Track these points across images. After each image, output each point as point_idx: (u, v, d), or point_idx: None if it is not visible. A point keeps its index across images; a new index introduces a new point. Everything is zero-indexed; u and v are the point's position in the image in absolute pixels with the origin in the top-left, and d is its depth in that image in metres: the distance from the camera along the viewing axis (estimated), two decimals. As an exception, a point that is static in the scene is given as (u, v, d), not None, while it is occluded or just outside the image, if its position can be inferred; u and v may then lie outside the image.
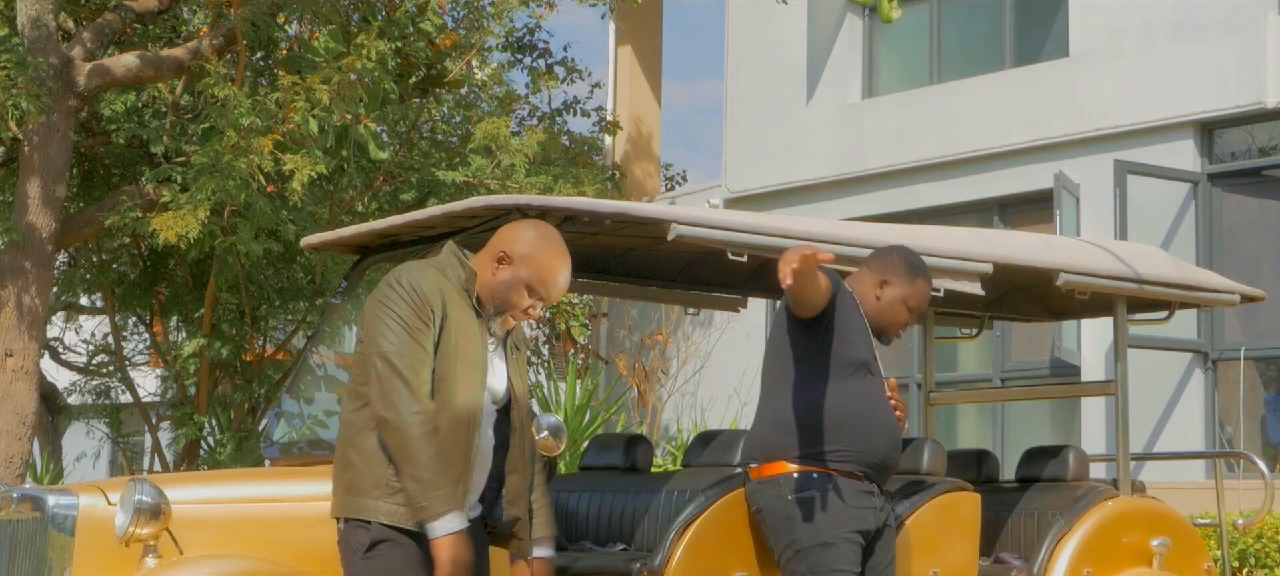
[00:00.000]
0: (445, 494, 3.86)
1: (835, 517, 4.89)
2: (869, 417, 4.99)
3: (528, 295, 4.08)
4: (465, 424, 3.96)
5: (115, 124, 9.31)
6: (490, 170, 9.76)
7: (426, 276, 4.01)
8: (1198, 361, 12.19)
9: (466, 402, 3.96)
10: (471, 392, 3.98)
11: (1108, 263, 6.38)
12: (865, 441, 4.97)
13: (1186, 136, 12.34)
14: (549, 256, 4.09)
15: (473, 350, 4.00)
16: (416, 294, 3.95)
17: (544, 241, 4.12)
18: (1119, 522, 6.30)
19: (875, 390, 5.03)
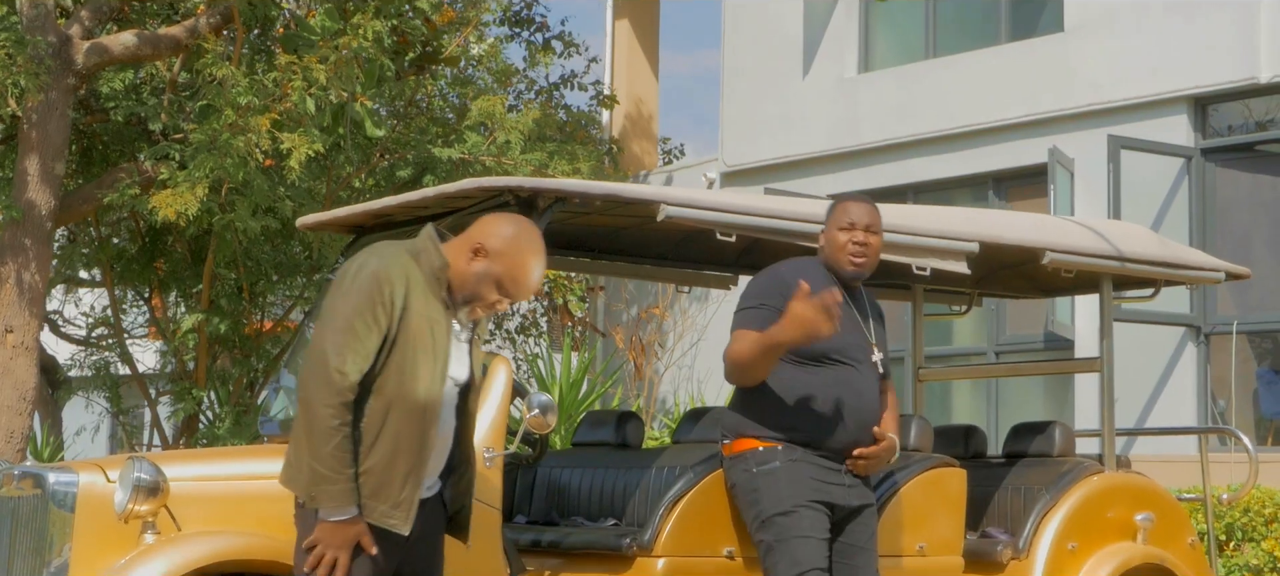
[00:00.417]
0: (339, 491, 3.88)
1: (796, 487, 4.96)
2: (833, 404, 5.00)
3: (497, 290, 4.06)
4: (422, 414, 3.97)
5: (113, 101, 9.39)
6: (486, 147, 9.82)
7: (394, 263, 3.98)
8: (1190, 335, 12.23)
9: (427, 392, 3.96)
10: (432, 383, 3.98)
11: (1093, 242, 6.46)
12: (827, 426, 5.00)
13: (1180, 111, 12.36)
14: (524, 255, 4.07)
15: (436, 340, 4.00)
16: (375, 285, 3.93)
17: (521, 239, 4.09)
18: (1103, 498, 6.37)
19: (845, 377, 5.03)
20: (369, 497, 3.94)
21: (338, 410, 3.87)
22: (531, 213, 5.15)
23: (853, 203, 5.11)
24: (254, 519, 4.53)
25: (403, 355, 3.94)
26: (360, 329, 3.90)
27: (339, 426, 3.87)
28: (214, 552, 4.40)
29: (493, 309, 4.10)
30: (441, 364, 4.01)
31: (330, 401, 3.86)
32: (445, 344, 4.03)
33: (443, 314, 4.04)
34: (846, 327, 5.02)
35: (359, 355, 3.89)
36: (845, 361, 5.04)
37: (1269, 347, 12.32)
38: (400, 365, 3.94)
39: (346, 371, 3.88)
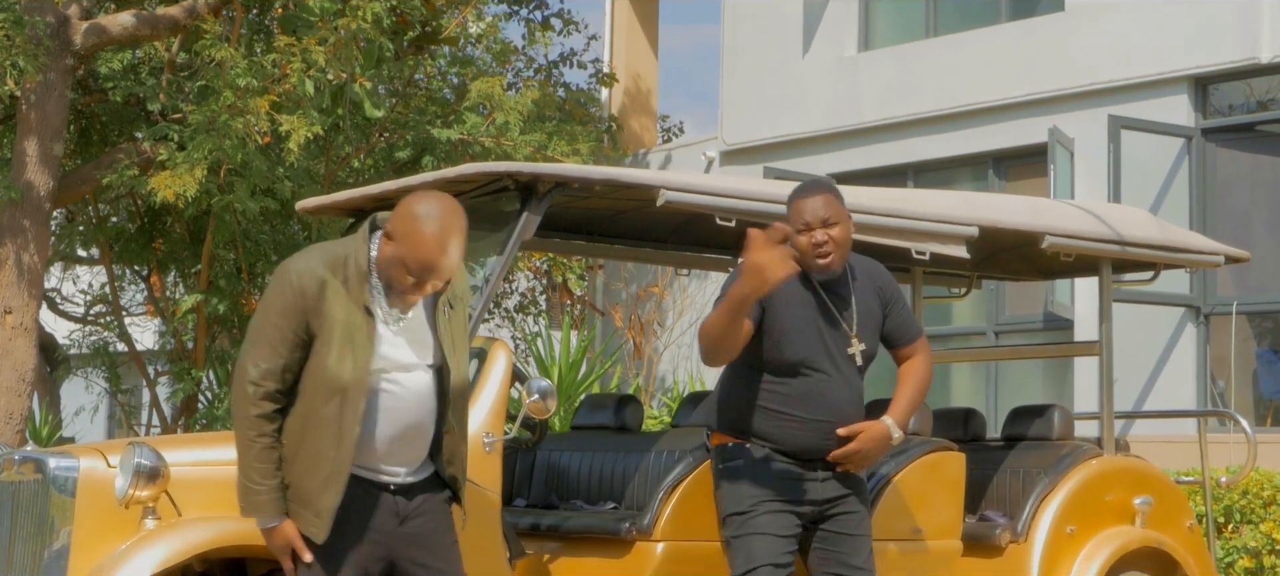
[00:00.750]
0: (262, 501, 3.99)
1: (757, 487, 4.80)
2: (802, 416, 4.82)
3: (407, 273, 4.01)
4: (337, 417, 3.98)
5: (112, 82, 9.36)
6: (485, 128, 9.80)
7: (309, 267, 4.02)
8: (1190, 316, 12.22)
9: (336, 376, 3.97)
10: (341, 367, 3.98)
11: (1093, 225, 6.45)
12: (794, 435, 4.83)
13: (1181, 91, 12.32)
14: (426, 240, 3.98)
15: (355, 340, 3.99)
16: (287, 291, 4.00)
17: (425, 222, 3.99)
18: (1102, 481, 6.37)
19: (816, 388, 4.81)
20: (296, 505, 4.03)
21: (253, 421, 3.98)
22: (532, 198, 5.15)
23: (805, 199, 4.83)
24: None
25: (317, 360, 3.99)
26: (272, 335, 3.99)
27: (256, 437, 3.99)
28: (214, 537, 4.40)
29: (414, 292, 4.05)
30: (361, 359, 3.98)
31: (246, 412, 3.99)
32: (365, 341, 4.00)
33: (363, 312, 4.02)
34: (816, 332, 4.83)
35: (271, 362, 3.97)
36: (816, 370, 4.82)
37: (1269, 328, 12.31)
38: (315, 371, 3.99)
39: (257, 380, 3.97)
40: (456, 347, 4.23)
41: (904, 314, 5.05)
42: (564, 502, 5.93)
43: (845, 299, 4.90)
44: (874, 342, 4.96)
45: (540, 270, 14.88)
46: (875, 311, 4.97)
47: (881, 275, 5.04)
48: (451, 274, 4.04)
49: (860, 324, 4.90)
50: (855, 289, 4.93)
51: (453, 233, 4.01)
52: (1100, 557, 6.20)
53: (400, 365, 4.08)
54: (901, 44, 14.47)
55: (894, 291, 5.06)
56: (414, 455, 4.15)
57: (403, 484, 4.15)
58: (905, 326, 5.04)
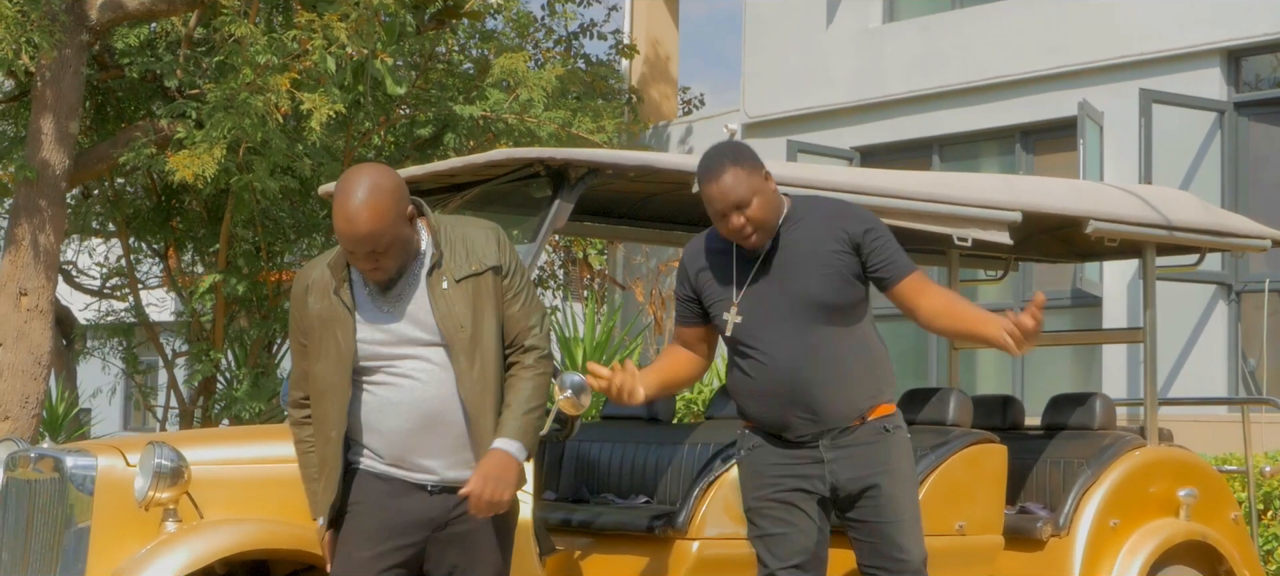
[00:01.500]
0: (310, 500, 4.10)
1: (755, 480, 4.47)
2: (758, 392, 4.42)
3: (349, 253, 3.94)
4: (322, 396, 4.01)
5: (128, 58, 9.18)
6: (508, 104, 9.62)
7: (300, 278, 4.12)
8: (1222, 293, 12.06)
9: (318, 375, 4.01)
10: (321, 365, 4.00)
11: (1137, 208, 6.28)
12: (757, 411, 4.45)
13: (1213, 64, 12.11)
14: (337, 214, 3.92)
15: (332, 334, 3.99)
16: (294, 298, 4.13)
17: (336, 198, 3.93)
18: (1146, 472, 6.22)
19: (758, 363, 4.38)
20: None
21: (293, 427, 4.17)
22: (563, 184, 4.98)
23: (710, 182, 4.30)
24: (278, 504, 4.40)
25: (313, 361, 4.05)
26: (293, 346, 4.17)
27: (297, 442, 4.15)
28: (237, 542, 4.26)
29: (372, 272, 3.94)
30: (340, 352, 3.96)
31: (290, 418, 4.19)
32: (344, 334, 3.96)
33: (339, 304, 3.99)
34: (748, 302, 4.39)
35: (296, 371, 4.13)
36: (748, 345, 4.40)
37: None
38: (313, 372, 4.05)
39: (289, 390, 4.21)
40: (476, 317, 3.97)
41: (885, 250, 4.42)
42: (594, 496, 5.78)
43: (791, 257, 4.40)
44: (830, 288, 4.35)
45: (559, 244, 14.76)
46: (828, 254, 4.37)
47: (845, 215, 4.45)
48: (372, 243, 3.86)
49: (805, 280, 4.35)
50: (795, 235, 4.40)
51: (353, 197, 3.83)
52: (1144, 552, 6.05)
53: (396, 353, 3.93)
54: (927, 15, 14.27)
55: (869, 232, 4.41)
56: (444, 447, 3.97)
57: (442, 482, 3.98)
58: (889, 264, 4.41)
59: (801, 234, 4.40)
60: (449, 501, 3.98)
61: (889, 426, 4.49)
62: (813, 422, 4.37)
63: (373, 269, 3.91)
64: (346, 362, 3.93)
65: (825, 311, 4.35)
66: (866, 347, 4.46)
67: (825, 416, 4.38)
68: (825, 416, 4.38)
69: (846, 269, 4.38)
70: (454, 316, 3.96)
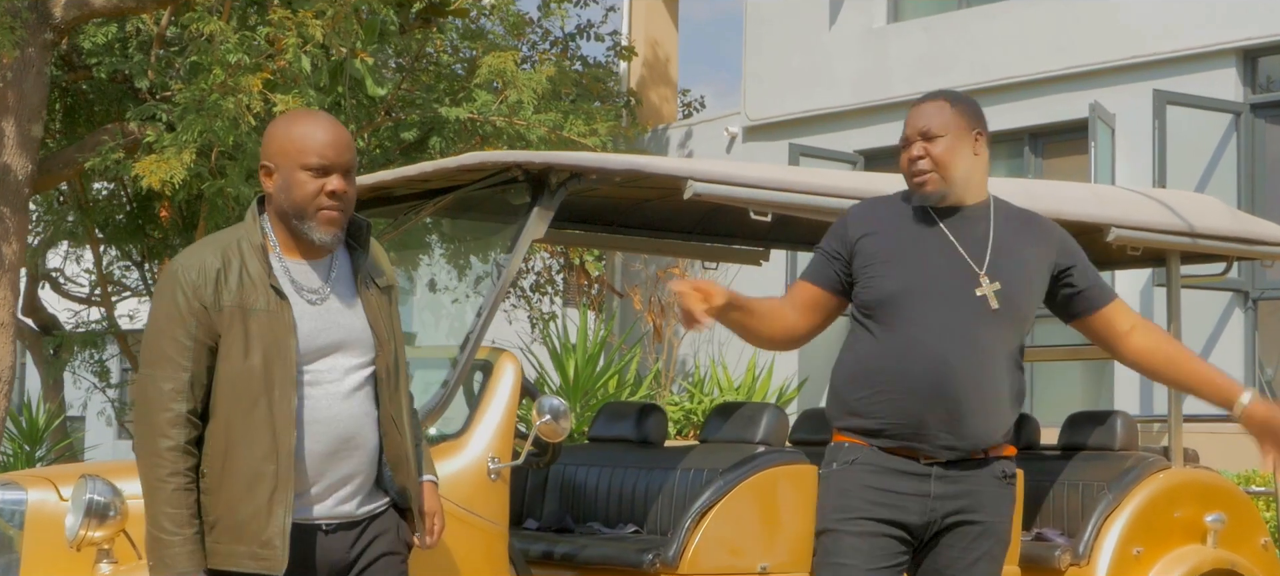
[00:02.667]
0: (181, 553, 3.30)
1: (844, 500, 3.86)
2: (890, 378, 3.83)
3: (311, 178, 3.39)
4: (257, 399, 3.35)
5: (96, 57, 8.78)
6: (496, 106, 9.23)
7: (196, 254, 3.44)
8: (1237, 301, 11.78)
9: (255, 371, 3.35)
10: (257, 360, 3.35)
11: (1161, 215, 5.91)
12: (883, 404, 3.83)
13: (1228, 64, 11.82)
14: (292, 126, 3.44)
15: (257, 314, 3.38)
16: (172, 296, 3.39)
17: (288, 118, 3.51)
18: (1171, 496, 5.83)
19: (917, 337, 3.80)
20: (230, 543, 3.34)
21: (165, 456, 3.32)
22: (543, 190, 4.60)
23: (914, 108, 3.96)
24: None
25: (228, 364, 3.35)
26: (170, 347, 3.36)
27: (169, 475, 3.31)
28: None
29: (332, 201, 3.39)
30: (280, 346, 3.36)
31: (154, 447, 3.33)
32: (281, 326, 3.37)
33: (271, 292, 3.39)
34: (920, 262, 3.86)
35: (175, 378, 3.34)
36: (916, 310, 3.81)
37: (1321, 313, 11.81)
38: (228, 376, 3.35)
39: (165, 402, 3.34)
40: (394, 332, 3.56)
41: (1091, 271, 4.06)
42: (579, 524, 5.40)
43: (978, 235, 3.91)
44: (1025, 297, 3.89)
45: (557, 250, 14.44)
46: (1030, 263, 3.93)
47: (1053, 231, 4.04)
48: (349, 151, 3.43)
49: (994, 264, 3.87)
50: (996, 227, 3.95)
51: (308, 112, 3.52)
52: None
53: (319, 359, 3.42)
54: (933, 15, 14.00)
55: (1073, 246, 4.06)
56: (355, 476, 3.45)
57: (349, 519, 3.46)
58: (1096, 285, 4.04)
59: (1001, 228, 3.96)
60: (347, 539, 3.45)
61: (1010, 474, 3.97)
62: (947, 431, 3.79)
63: (340, 195, 3.39)
64: (289, 355, 3.35)
65: (1012, 316, 3.86)
66: (1017, 374, 3.94)
67: (964, 427, 3.80)
68: (964, 427, 3.80)
69: (1040, 283, 3.98)
70: (381, 326, 3.52)
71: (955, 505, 3.85)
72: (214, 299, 3.36)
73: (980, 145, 3.97)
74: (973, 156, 3.94)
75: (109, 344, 11.67)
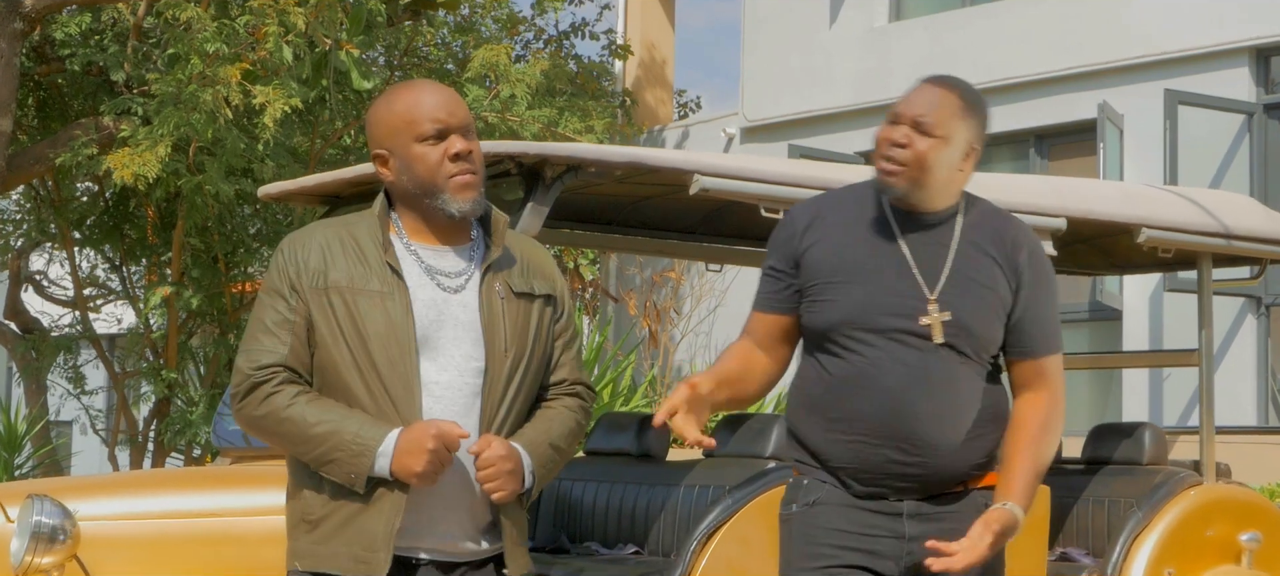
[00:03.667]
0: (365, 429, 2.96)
1: (812, 545, 3.38)
2: (841, 415, 3.37)
3: (431, 147, 3.05)
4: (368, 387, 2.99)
5: (69, 49, 8.42)
6: (488, 102, 8.90)
7: (309, 235, 3.12)
8: (1250, 306, 11.53)
9: (358, 361, 3.01)
10: (360, 348, 3.01)
11: (1193, 215, 5.58)
12: (836, 443, 3.38)
13: (1241, 64, 11.58)
14: (393, 102, 3.11)
15: (365, 299, 3.02)
16: (292, 265, 3.07)
17: (387, 96, 3.17)
18: (1204, 513, 5.52)
19: (865, 370, 3.34)
20: (328, 543, 2.99)
21: (276, 404, 2.99)
22: (538, 184, 4.26)
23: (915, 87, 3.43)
24: (188, 566, 3.64)
25: (333, 345, 3.01)
26: (272, 325, 3.04)
27: (288, 405, 2.99)
28: (134, 616, 3.52)
29: (461, 166, 3.05)
30: (388, 326, 3.00)
31: (265, 411, 3.00)
32: (390, 305, 3.01)
33: (381, 266, 3.05)
34: (871, 283, 3.37)
35: (272, 354, 3.03)
36: (863, 338, 3.34)
37: (1336, 320, 11.55)
38: (332, 361, 3.01)
39: (257, 373, 3.02)
40: (521, 346, 3.12)
41: (1042, 307, 3.44)
42: (576, 545, 5.07)
43: (937, 250, 3.40)
44: (981, 321, 3.37)
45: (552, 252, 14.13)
46: (993, 283, 3.39)
47: (1022, 236, 3.46)
48: (461, 107, 3.11)
49: (949, 287, 3.36)
50: (960, 240, 3.41)
51: (419, 82, 3.21)
52: (1204, 605, 5.35)
53: (446, 346, 3.04)
54: (935, 13, 13.77)
55: (1038, 270, 3.45)
56: (460, 503, 3.04)
57: (447, 558, 3.05)
58: (1036, 326, 3.42)
59: (966, 238, 3.42)
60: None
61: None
62: (913, 471, 3.33)
63: (467, 156, 3.06)
64: (409, 339, 3.00)
65: (973, 346, 3.37)
66: (991, 392, 3.43)
67: (930, 465, 3.34)
68: (930, 465, 3.34)
69: (1002, 304, 3.40)
70: (501, 332, 3.10)
71: (926, 535, 3.34)
72: (320, 276, 3.04)
73: (970, 162, 3.41)
74: (958, 172, 3.40)
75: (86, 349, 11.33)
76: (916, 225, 3.38)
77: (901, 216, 3.39)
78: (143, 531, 3.67)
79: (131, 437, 9.82)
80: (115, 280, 11.89)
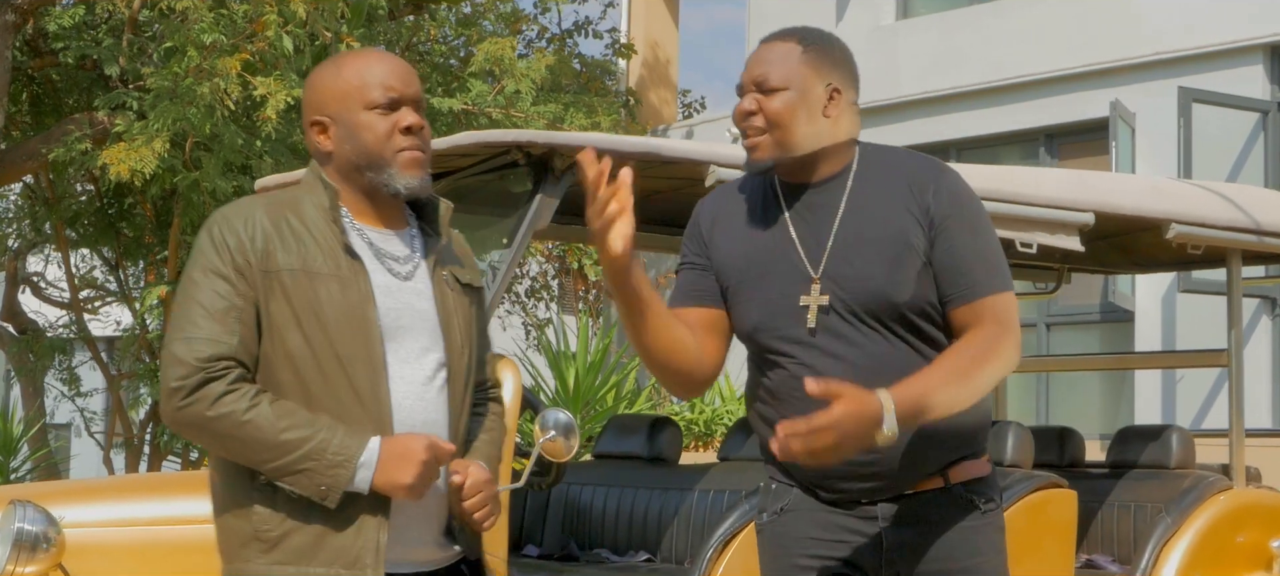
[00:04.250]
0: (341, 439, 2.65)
1: (788, 557, 3.11)
2: (768, 414, 3.08)
3: (380, 116, 2.77)
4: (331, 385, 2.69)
5: (62, 41, 8.23)
6: (492, 97, 8.72)
7: (249, 212, 2.78)
8: (1264, 308, 11.37)
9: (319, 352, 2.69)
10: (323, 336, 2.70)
11: (1222, 209, 5.40)
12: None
13: (1255, 61, 11.46)
14: (342, 67, 2.83)
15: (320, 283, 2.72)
16: (231, 245, 2.72)
17: (334, 62, 2.89)
18: (1234, 519, 5.36)
19: (792, 373, 3.02)
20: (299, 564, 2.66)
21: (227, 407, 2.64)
22: (547, 176, 4.07)
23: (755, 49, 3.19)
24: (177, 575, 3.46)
25: (287, 336, 2.70)
26: (219, 313, 2.69)
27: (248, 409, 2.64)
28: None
29: (411, 140, 2.78)
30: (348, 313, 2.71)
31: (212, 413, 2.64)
32: (350, 291, 2.72)
33: (331, 251, 2.75)
34: (773, 276, 3.07)
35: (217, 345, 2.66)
36: (780, 338, 3.04)
37: (1351, 322, 11.38)
38: (287, 354, 2.70)
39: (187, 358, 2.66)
40: (475, 340, 2.92)
41: (968, 243, 3.01)
42: (585, 551, 4.89)
43: (823, 221, 3.05)
44: (885, 281, 2.99)
45: (552, 254, 13.96)
46: (892, 240, 3.01)
47: (928, 173, 3.07)
48: (414, 79, 2.83)
49: (833, 262, 3.02)
50: (849, 203, 3.05)
51: (369, 50, 2.95)
52: (1235, 614, 5.18)
53: (402, 336, 2.77)
54: (944, 11, 13.66)
55: (954, 203, 3.04)
56: (428, 504, 2.77)
57: (414, 570, 2.79)
58: (965, 265, 3.00)
59: (859, 192, 3.07)
60: None
61: (979, 496, 3.07)
62: (866, 463, 2.97)
63: (417, 131, 2.81)
64: (371, 326, 2.72)
65: (893, 312, 3.00)
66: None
67: (887, 464, 2.99)
68: (887, 464, 2.99)
69: (914, 258, 3.01)
70: (456, 326, 2.86)
71: (922, 559, 3.03)
72: (254, 254, 2.72)
73: (837, 105, 3.07)
74: (822, 118, 3.05)
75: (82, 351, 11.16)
76: (803, 199, 3.07)
77: (789, 191, 3.09)
78: (131, 539, 3.49)
79: (127, 441, 9.64)
80: (113, 282, 11.73)
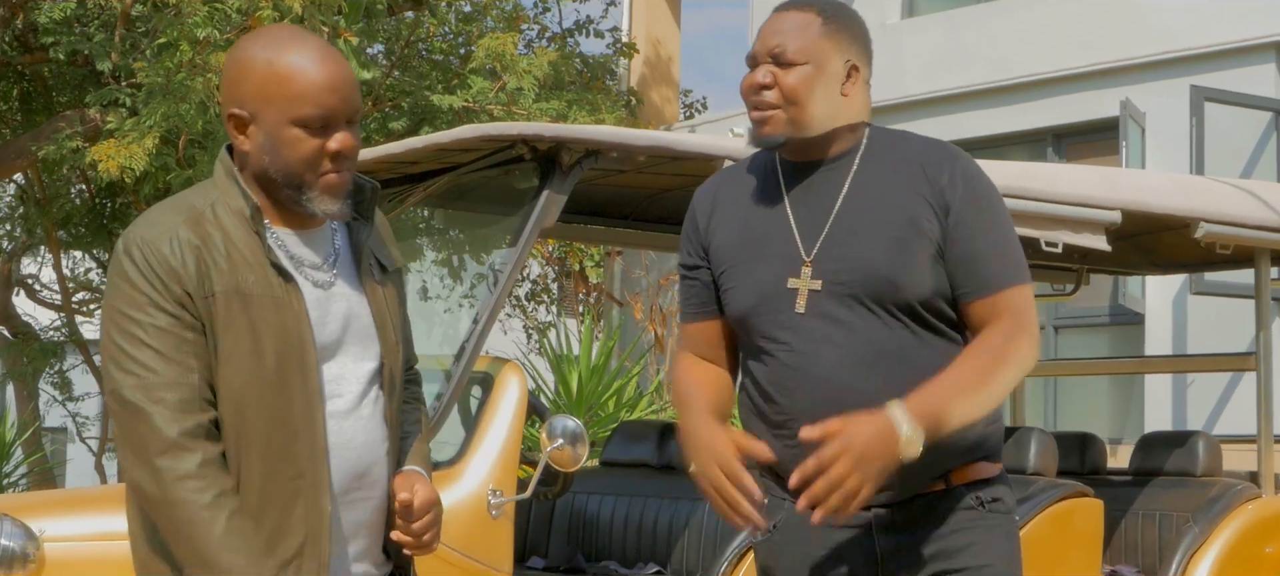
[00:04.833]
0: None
1: (770, 559, 2.95)
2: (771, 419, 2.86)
3: (308, 137, 2.48)
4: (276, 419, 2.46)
5: (53, 35, 8.03)
6: (494, 94, 8.54)
7: (172, 228, 2.47)
8: (1276, 310, 11.12)
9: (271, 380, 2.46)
10: (269, 364, 2.47)
11: (1253, 209, 5.22)
12: (778, 451, 2.80)
13: (1267, 59, 11.29)
14: (275, 57, 2.47)
15: (256, 306, 2.47)
16: (160, 272, 2.44)
17: (265, 43, 2.52)
18: (1264, 528, 5.20)
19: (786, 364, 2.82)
20: None
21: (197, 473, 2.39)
22: (554, 171, 3.89)
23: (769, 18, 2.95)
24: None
25: (226, 366, 2.44)
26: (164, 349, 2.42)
27: (214, 499, 2.39)
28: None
29: (336, 165, 2.49)
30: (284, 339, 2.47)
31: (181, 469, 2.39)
32: (286, 314, 2.48)
33: (274, 271, 2.49)
34: (771, 261, 2.86)
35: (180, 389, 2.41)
36: (777, 324, 2.83)
37: (1367, 324, 11.18)
38: (227, 384, 2.44)
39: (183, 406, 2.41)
40: (403, 330, 2.72)
41: (987, 233, 2.80)
42: (592, 563, 4.71)
43: (824, 203, 2.86)
44: (892, 265, 2.78)
45: (553, 256, 13.80)
46: (901, 214, 2.81)
47: (943, 157, 2.86)
48: (354, 91, 2.52)
49: (829, 245, 2.83)
50: (853, 185, 2.86)
51: (309, 40, 2.53)
52: (1265, 627, 5.01)
53: (331, 352, 2.54)
54: (950, 9, 13.47)
55: (972, 190, 2.82)
56: (364, 527, 2.59)
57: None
58: (984, 256, 2.79)
59: (866, 173, 2.86)
60: None
61: (987, 499, 2.83)
62: None
63: (348, 155, 2.51)
64: (307, 355, 2.48)
65: (894, 295, 2.78)
66: (944, 351, 2.81)
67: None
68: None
69: (929, 239, 2.79)
70: (390, 324, 2.63)
71: (913, 560, 2.81)
72: (197, 282, 2.45)
73: (854, 84, 2.86)
74: (840, 97, 2.85)
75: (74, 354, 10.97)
76: (805, 180, 2.88)
77: (791, 172, 2.90)
78: (113, 553, 3.30)
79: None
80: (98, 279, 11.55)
